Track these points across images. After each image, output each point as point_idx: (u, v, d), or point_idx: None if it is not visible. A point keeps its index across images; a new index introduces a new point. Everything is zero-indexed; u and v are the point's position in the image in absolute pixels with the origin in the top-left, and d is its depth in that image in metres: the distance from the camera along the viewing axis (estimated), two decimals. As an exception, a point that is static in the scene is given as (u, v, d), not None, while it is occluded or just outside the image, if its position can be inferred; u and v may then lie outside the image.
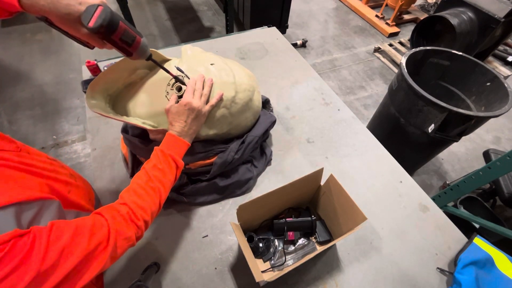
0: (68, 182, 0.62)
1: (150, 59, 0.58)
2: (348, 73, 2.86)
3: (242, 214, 0.69)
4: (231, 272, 0.75)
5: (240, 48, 1.46)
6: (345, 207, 0.73)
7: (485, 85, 1.52)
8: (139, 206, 0.53)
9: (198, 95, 0.67)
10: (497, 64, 2.96)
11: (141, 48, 0.53)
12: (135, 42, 0.51)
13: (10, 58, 2.65)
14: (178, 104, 0.66)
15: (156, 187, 0.58)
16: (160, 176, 0.59)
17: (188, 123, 0.66)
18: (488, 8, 2.36)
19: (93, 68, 1.20)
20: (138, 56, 0.54)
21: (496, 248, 0.82)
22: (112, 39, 0.47)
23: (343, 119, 1.16)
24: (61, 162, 0.69)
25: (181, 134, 0.65)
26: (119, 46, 0.50)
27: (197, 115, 0.67)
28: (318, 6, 3.75)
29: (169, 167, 0.61)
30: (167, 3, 3.46)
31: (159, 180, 0.59)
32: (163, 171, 0.60)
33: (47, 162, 0.60)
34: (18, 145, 0.56)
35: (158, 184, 0.58)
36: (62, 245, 0.39)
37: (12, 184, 0.45)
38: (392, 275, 0.77)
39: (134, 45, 0.51)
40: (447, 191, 1.45)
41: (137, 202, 0.54)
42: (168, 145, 0.64)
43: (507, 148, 2.30)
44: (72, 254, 0.40)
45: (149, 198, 0.56)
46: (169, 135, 0.65)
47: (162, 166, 0.60)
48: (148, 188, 0.57)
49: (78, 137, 2.12)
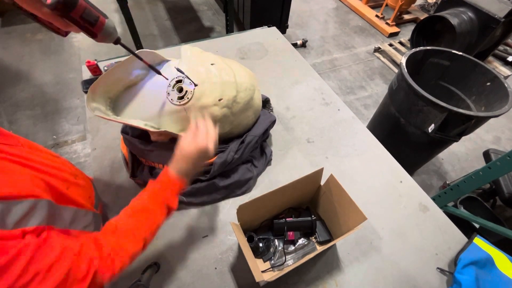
0: (68, 179, 0.61)
1: (118, 43, 0.57)
2: (348, 73, 2.86)
3: (242, 214, 0.69)
4: (231, 272, 0.76)
5: (240, 48, 1.46)
6: (345, 207, 0.73)
7: (485, 85, 1.52)
8: (121, 248, 0.52)
9: (211, 139, 0.63)
10: (497, 64, 2.96)
11: (106, 30, 0.51)
12: (98, 22, 0.49)
13: (10, 58, 2.65)
14: (195, 148, 0.60)
15: (142, 234, 0.56)
16: (150, 222, 0.58)
17: (196, 165, 0.62)
18: (488, 8, 2.36)
19: (93, 68, 1.20)
20: (103, 38, 0.53)
21: (496, 248, 0.82)
22: (72, 17, 0.47)
23: (343, 119, 1.16)
24: (64, 159, 0.69)
25: (183, 174, 0.61)
26: (82, 26, 0.48)
27: (206, 157, 0.63)
28: (318, 6, 3.75)
29: (161, 212, 0.59)
30: (167, 3, 3.46)
31: (149, 226, 0.57)
32: (154, 214, 0.59)
33: (49, 159, 0.60)
34: (19, 140, 0.56)
35: (145, 231, 0.57)
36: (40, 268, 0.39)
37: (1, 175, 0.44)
38: (392, 275, 0.77)
39: (97, 26, 0.50)
40: (447, 191, 1.44)
41: (120, 244, 0.52)
42: (166, 185, 0.60)
43: (507, 148, 2.30)
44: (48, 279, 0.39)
45: (131, 245, 0.54)
46: (167, 173, 0.60)
47: (154, 209, 0.59)
48: (134, 232, 0.56)
49: (78, 137, 2.12)
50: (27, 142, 0.59)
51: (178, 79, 0.74)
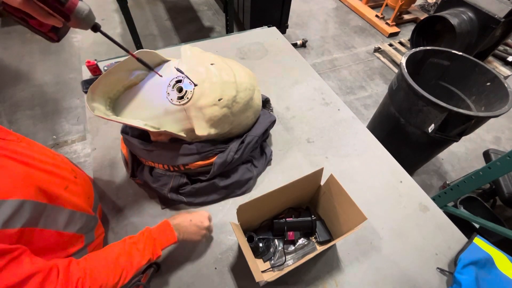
0: (67, 178, 0.61)
1: (98, 30, 0.53)
2: (348, 73, 2.86)
3: (242, 214, 0.69)
4: (231, 272, 0.75)
5: (240, 48, 1.46)
6: (345, 207, 0.72)
7: (485, 85, 1.52)
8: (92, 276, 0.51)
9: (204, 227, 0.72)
10: (497, 64, 2.96)
11: (78, 11, 0.48)
12: (69, 2, 0.46)
13: (10, 58, 2.64)
14: (196, 221, 0.71)
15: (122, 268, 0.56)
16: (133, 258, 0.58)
17: (188, 232, 0.69)
18: (488, 8, 2.36)
19: (93, 68, 1.20)
20: (77, 22, 0.49)
21: (496, 248, 0.82)
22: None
23: (343, 119, 1.16)
24: (65, 157, 0.69)
25: (176, 227, 0.68)
26: (52, 6, 0.46)
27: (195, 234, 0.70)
28: (318, 6, 3.75)
29: (149, 251, 0.61)
30: (167, 3, 3.46)
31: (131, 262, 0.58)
32: (138, 250, 0.60)
33: (48, 156, 0.59)
34: (18, 136, 0.55)
35: (127, 264, 0.57)
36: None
37: None
38: (392, 275, 0.77)
39: (68, 6, 0.46)
40: (447, 191, 1.44)
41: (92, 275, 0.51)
42: (159, 229, 0.66)
43: (507, 148, 2.30)
44: None
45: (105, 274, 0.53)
46: (166, 222, 0.68)
47: (142, 245, 0.61)
48: (111, 263, 0.55)
49: (78, 137, 2.12)
50: (26, 139, 0.58)
51: (178, 79, 0.74)
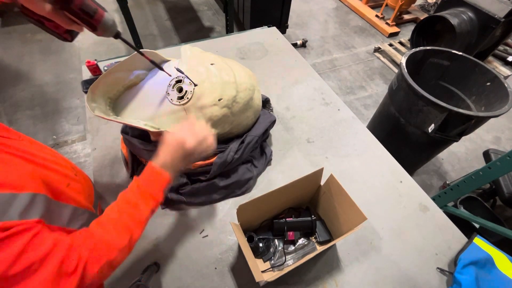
0: (69, 175, 0.62)
1: (119, 37, 0.58)
2: (348, 73, 2.86)
3: (242, 214, 0.69)
4: (231, 272, 0.75)
5: (240, 48, 1.46)
6: (345, 207, 0.72)
7: (485, 85, 1.52)
8: (103, 241, 0.51)
9: (197, 138, 0.62)
10: (497, 64, 2.96)
11: (104, 22, 0.53)
12: (97, 15, 0.52)
13: (10, 58, 2.65)
14: (172, 137, 0.61)
15: (127, 225, 0.54)
16: (134, 213, 0.56)
17: (175, 160, 0.60)
18: (488, 8, 2.36)
19: (93, 68, 1.20)
20: (103, 31, 0.54)
21: (496, 248, 0.82)
22: (72, 9, 0.49)
23: (343, 119, 1.16)
24: (63, 156, 0.69)
25: (164, 167, 0.59)
26: (81, 18, 0.50)
27: (185, 157, 0.61)
28: (318, 6, 3.75)
29: (146, 204, 0.57)
30: (167, 3, 3.46)
31: (132, 218, 0.55)
32: (138, 208, 0.56)
33: (49, 154, 0.60)
34: (20, 135, 0.56)
35: (131, 222, 0.55)
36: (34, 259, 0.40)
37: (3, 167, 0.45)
38: (392, 275, 0.77)
39: (96, 18, 0.52)
40: (447, 191, 1.45)
41: (103, 238, 0.51)
42: (148, 179, 0.59)
43: (507, 148, 2.30)
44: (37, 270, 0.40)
45: (114, 236, 0.53)
46: (150, 166, 0.59)
47: (137, 202, 0.56)
48: (118, 225, 0.54)
49: (78, 137, 2.12)
50: (27, 138, 0.59)
51: (178, 79, 0.74)
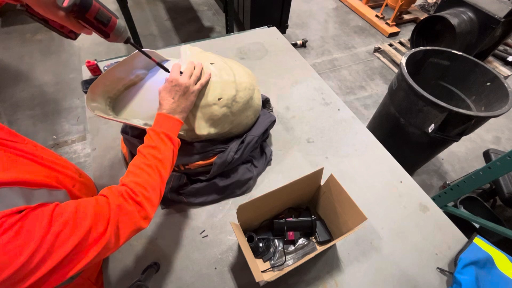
0: (74, 177, 0.63)
1: (129, 42, 0.59)
2: (348, 73, 2.86)
3: (242, 214, 0.69)
4: (231, 272, 0.75)
5: (240, 48, 1.46)
6: (345, 207, 0.72)
7: (485, 85, 1.52)
8: (136, 183, 0.52)
9: (187, 74, 0.67)
10: (497, 64, 2.96)
11: (117, 29, 0.54)
12: (110, 23, 0.52)
13: (10, 58, 2.65)
14: (165, 83, 0.65)
15: (152, 164, 0.56)
16: (155, 153, 0.57)
17: (176, 100, 0.64)
18: (488, 8, 2.36)
19: (93, 68, 1.20)
20: (115, 38, 0.56)
21: (496, 248, 0.82)
22: (87, 18, 0.49)
23: (343, 119, 1.16)
24: (66, 159, 0.70)
25: (170, 112, 0.63)
26: (95, 26, 0.51)
27: (185, 92, 0.66)
28: (318, 6, 3.75)
29: (164, 143, 0.59)
30: (167, 3, 3.46)
31: (155, 157, 0.57)
32: (157, 148, 0.58)
33: (54, 156, 0.62)
34: (24, 139, 0.57)
35: (154, 161, 0.57)
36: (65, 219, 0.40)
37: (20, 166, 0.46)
38: (392, 275, 0.77)
39: (110, 26, 0.53)
40: (447, 191, 1.44)
41: (134, 180, 0.53)
42: (159, 123, 0.62)
43: (507, 148, 2.30)
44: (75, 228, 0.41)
45: (146, 175, 0.54)
46: (159, 114, 0.63)
47: (155, 143, 0.58)
48: (144, 166, 0.55)
49: (78, 137, 2.12)
50: (31, 141, 0.60)
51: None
